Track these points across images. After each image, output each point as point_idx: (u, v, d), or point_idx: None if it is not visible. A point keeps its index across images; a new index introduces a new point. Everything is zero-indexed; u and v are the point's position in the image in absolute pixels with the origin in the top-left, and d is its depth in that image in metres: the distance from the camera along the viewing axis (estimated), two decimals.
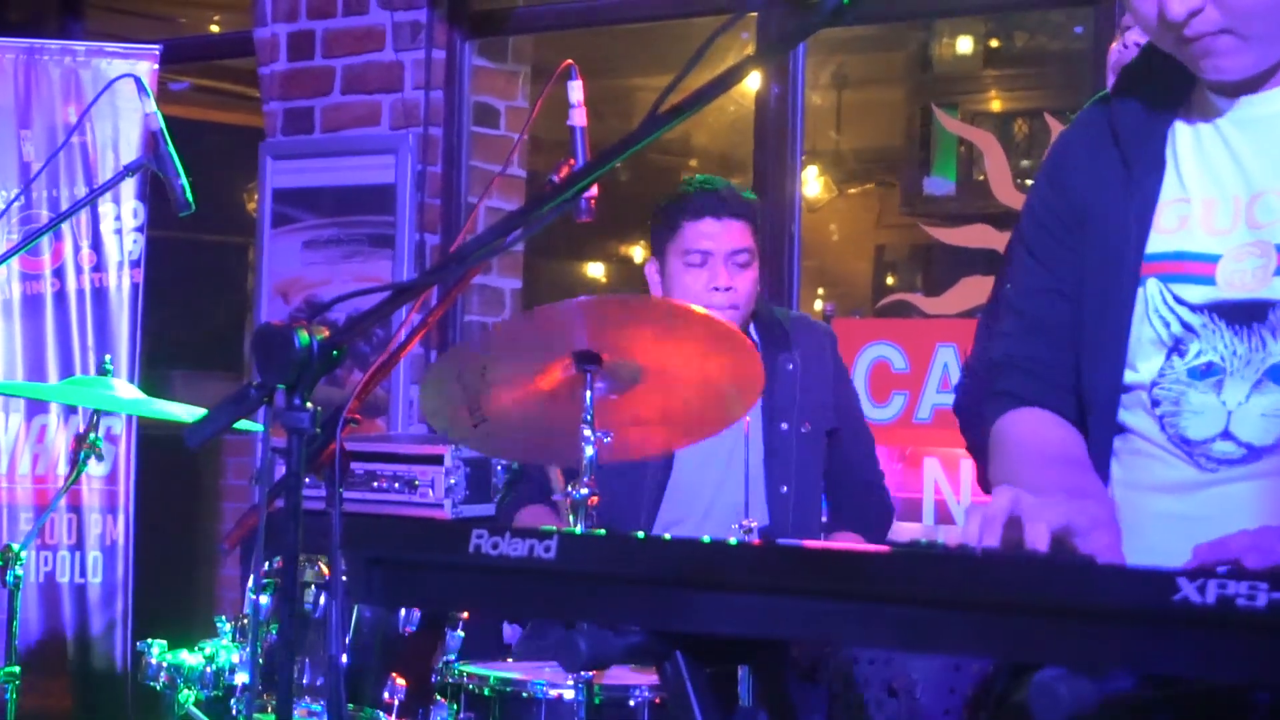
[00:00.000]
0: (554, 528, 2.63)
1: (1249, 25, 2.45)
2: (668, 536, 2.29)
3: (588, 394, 4.05)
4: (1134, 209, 2.61)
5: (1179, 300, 2.55)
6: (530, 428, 4.27)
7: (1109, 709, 1.92)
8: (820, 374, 4.86)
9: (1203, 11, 2.44)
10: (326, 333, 2.34)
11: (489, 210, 6.92)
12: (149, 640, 4.62)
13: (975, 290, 6.27)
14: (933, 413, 5.93)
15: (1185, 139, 2.62)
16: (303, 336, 2.31)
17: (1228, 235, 2.53)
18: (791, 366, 4.79)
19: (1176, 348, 2.55)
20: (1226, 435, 2.50)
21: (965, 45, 10.06)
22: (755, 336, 4.85)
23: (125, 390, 5.20)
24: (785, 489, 4.74)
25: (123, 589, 6.25)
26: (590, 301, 4.06)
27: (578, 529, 3.87)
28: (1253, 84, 2.54)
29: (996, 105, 9.97)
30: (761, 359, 4.43)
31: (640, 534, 2.28)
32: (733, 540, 2.36)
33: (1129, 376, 2.60)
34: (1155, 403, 2.57)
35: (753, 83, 6.56)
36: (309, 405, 2.33)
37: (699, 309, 4.22)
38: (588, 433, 4.04)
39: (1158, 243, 2.59)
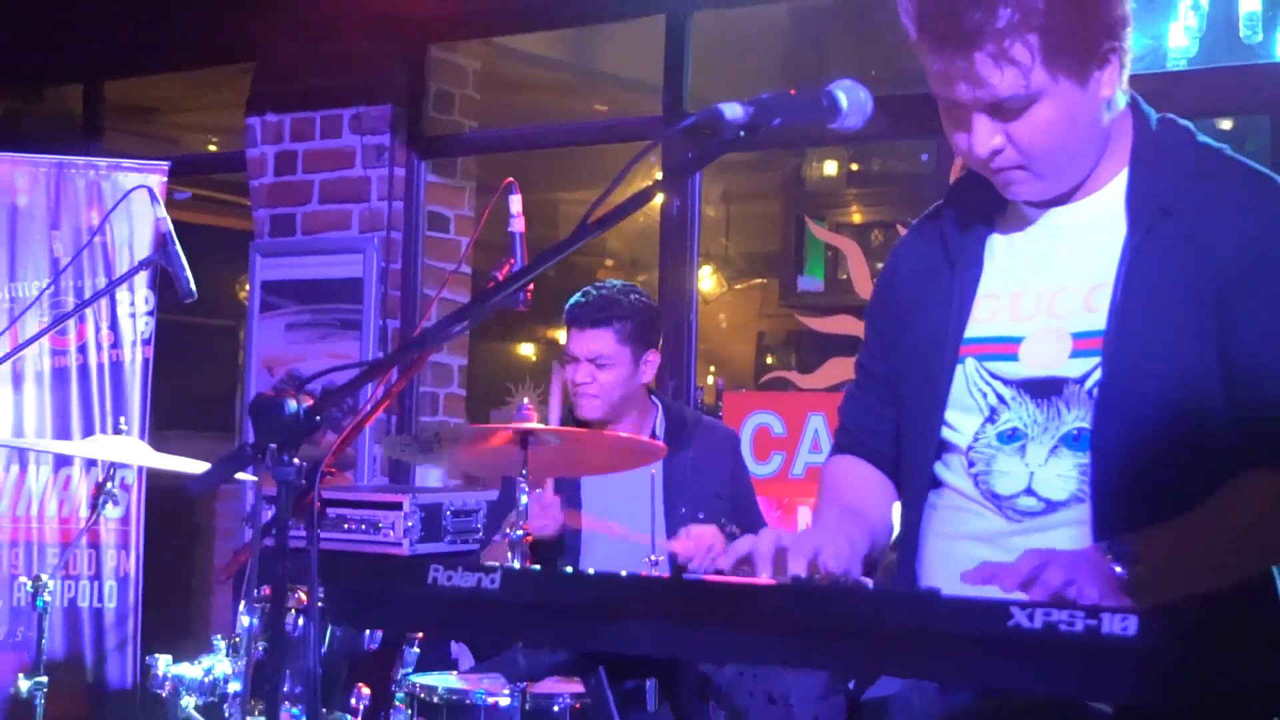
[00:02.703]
0: (497, 564, 2.62)
1: (1040, 163, 2.47)
2: (591, 571, 2.29)
3: (524, 456, 4.07)
4: (955, 300, 2.62)
5: (994, 375, 2.55)
6: (474, 465, 4.38)
7: (952, 716, 1.93)
8: (717, 470, 4.81)
9: (1002, 152, 2.46)
10: (309, 401, 2.33)
11: (441, 301, 6.90)
12: (155, 655, 4.58)
13: (840, 368, 6.29)
14: (805, 469, 5.94)
15: (1000, 244, 2.63)
16: (290, 404, 2.30)
17: (1030, 321, 2.54)
18: (686, 461, 4.77)
19: (990, 416, 2.54)
20: (1029, 492, 2.49)
21: (831, 168, 10.09)
22: (661, 430, 4.85)
23: (137, 447, 5.17)
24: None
25: (133, 612, 6.19)
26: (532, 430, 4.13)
27: (516, 564, 3.86)
28: (1058, 200, 2.56)
29: (857, 217, 9.99)
30: (665, 450, 4.49)
31: (569, 569, 2.28)
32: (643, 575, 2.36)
33: (950, 437, 2.59)
34: (971, 463, 2.56)
35: (658, 197, 6.57)
36: (294, 460, 2.32)
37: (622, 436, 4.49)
38: (524, 486, 4.05)
39: (974, 329, 2.59)
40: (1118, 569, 2.19)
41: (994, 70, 2.37)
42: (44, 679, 4.82)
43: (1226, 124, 6.43)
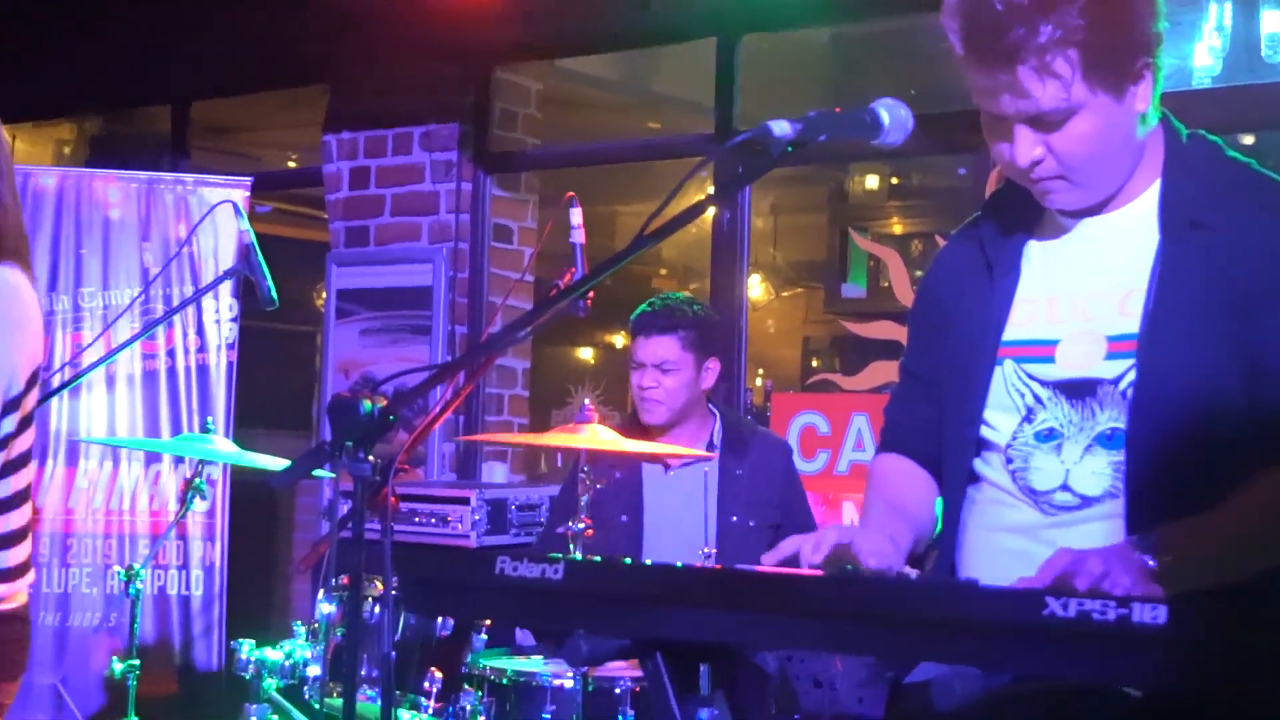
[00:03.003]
0: (561, 555, 2.62)
1: (1078, 174, 2.46)
2: (649, 562, 2.29)
3: (583, 453, 4.08)
4: (994, 304, 2.61)
5: (1031, 377, 2.53)
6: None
7: (990, 699, 1.92)
8: (769, 479, 4.80)
9: (1043, 162, 2.46)
10: (383, 402, 2.33)
11: (506, 308, 6.91)
12: (239, 640, 4.60)
13: (882, 371, 6.28)
14: (849, 466, 5.92)
15: (1036, 251, 2.62)
16: (366, 405, 2.30)
17: (1065, 324, 2.53)
18: (740, 472, 4.77)
19: (1028, 416, 2.53)
20: (1065, 488, 2.48)
21: (873, 182, 10.06)
22: (718, 439, 4.85)
23: (222, 445, 5.19)
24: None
25: (218, 599, 6.22)
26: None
27: (579, 556, 3.87)
28: (1093, 209, 2.55)
29: (898, 228, 9.96)
30: (720, 459, 4.50)
31: (628, 560, 2.28)
32: (697, 565, 2.36)
33: (989, 436, 2.58)
34: (1009, 460, 2.54)
35: (710, 210, 6.56)
36: (370, 458, 2.33)
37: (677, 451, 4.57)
38: (584, 477, 4.06)
39: (1012, 332, 2.58)
40: (1149, 561, 2.18)
41: (1037, 83, 2.37)
42: (136, 662, 4.85)
43: (1249, 139, 6.38)
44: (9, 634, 3.23)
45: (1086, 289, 2.54)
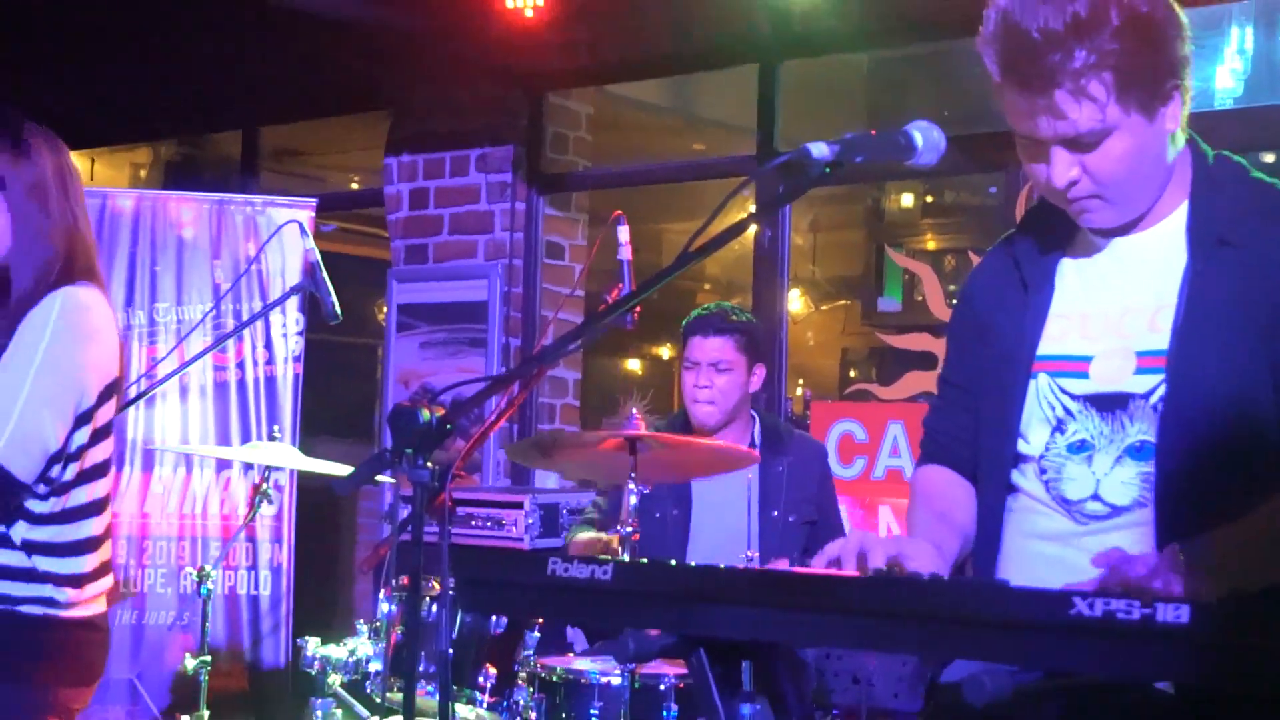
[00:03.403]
0: (609, 557, 2.62)
1: (1113, 192, 2.45)
2: (693, 564, 2.29)
3: (633, 461, 4.08)
4: (1028, 320, 2.59)
5: (1063, 391, 2.52)
6: (589, 470, 4.41)
7: (1021, 695, 1.91)
8: (806, 478, 4.80)
9: (1079, 182, 2.45)
10: (441, 412, 2.34)
11: (557, 322, 6.93)
12: (305, 637, 4.62)
13: (917, 381, 6.25)
14: (885, 472, 5.90)
15: (1069, 269, 2.61)
16: (425, 414, 2.31)
17: (1098, 340, 2.51)
18: (781, 469, 4.76)
19: (1059, 427, 2.52)
20: (1096, 497, 2.47)
21: (908, 200, 10.05)
22: (758, 440, 4.85)
23: (288, 452, 5.22)
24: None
25: (285, 599, 6.24)
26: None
27: (626, 558, 3.87)
28: (1124, 229, 2.54)
29: (932, 244, 9.94)
30: (760, 458, 4.49)
31: (673, 561, 2.27)
32: (739, 567, 2.35)
33: (1023, 448, 2.56)
34: (1042, 470, 2.53)
35: (752, 228, 6.56)
36: (428, 464, 2.33)
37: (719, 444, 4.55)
38: (631, 486, 4.06)
39: (1046, 347, 2.56)
40: (1187, 566, 2.17)
41: (1073, 106, 2.36)
42: (208, 658, 4.87)
43: (1269, 157, 6.34)
44: (85, 640, 3.23)
45: (1118, 306, 2.52)
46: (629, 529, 4.02)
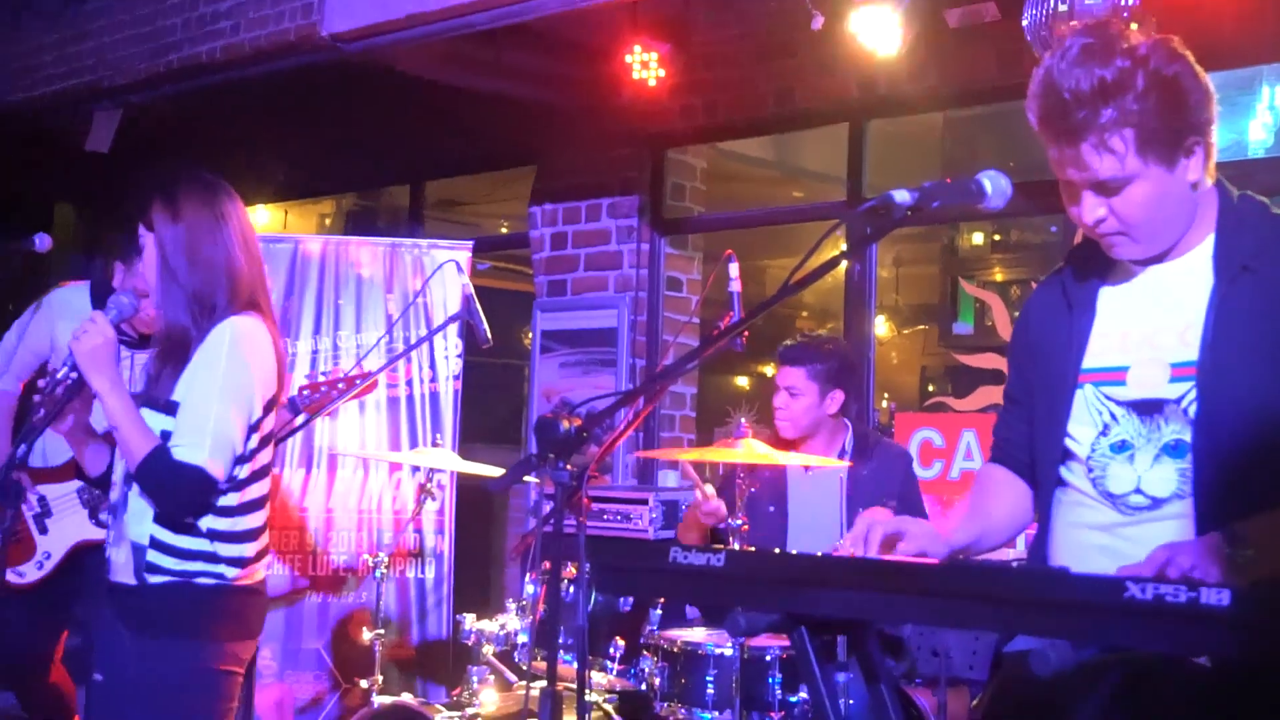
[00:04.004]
0: (723, 546, 2.62)
1: (1136, 230, 2.44)
2: (794, 551, 2.28)
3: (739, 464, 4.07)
4: (1074, 338, 2.58)
5: (1107, 398, 2.50)
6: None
7: (1081, 668, 1.89)
8: (889, 480, 4.74)
9: (1105, 220, 2.43)
10: (579, 422, 2.35)
11: (677, 345, 6.93)
12: (463, 614, 4.65)
13: (987, 395, 6.20)
14: (960, 473, 5.85)
15: (1109, 293, 2.59)
16: (564, 424, 2.33)
17: (1135, 353, 2.49)
18: (866, 473, 4.73)
19: (1104, 430, 2.50)
20: (1138, 491, 2.44)
21: (979, 238, 9.94)
22: (850, 447, 4.83)
23: (449, 457, 5.26)
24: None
25: (446, 581, 6.28)
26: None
27: (736, 546, 3.86)
28: (1156, 259, 2.51)
29: (999, 276, 9.81)
30: (851, 462, 4.48)
31: (777, 549, 2.27)
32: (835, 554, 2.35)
33: (1072, 448, 2.54)
34: (1090, 468, 2.51)
35: (843, 264, 6.53)
36: (568, 467, 2.35)
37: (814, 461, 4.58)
38: (743, 485, 4.06)
39: (1090, 360, 2.55)
40: (1230, 553, 2.14)
41: (1096, 157, 2.36)
42: (381, 631, 4.92)
43: None
44: (251, 603, 3.34)
45: (1152, 324, 2.50)
46: (739, 521, 4.02)
